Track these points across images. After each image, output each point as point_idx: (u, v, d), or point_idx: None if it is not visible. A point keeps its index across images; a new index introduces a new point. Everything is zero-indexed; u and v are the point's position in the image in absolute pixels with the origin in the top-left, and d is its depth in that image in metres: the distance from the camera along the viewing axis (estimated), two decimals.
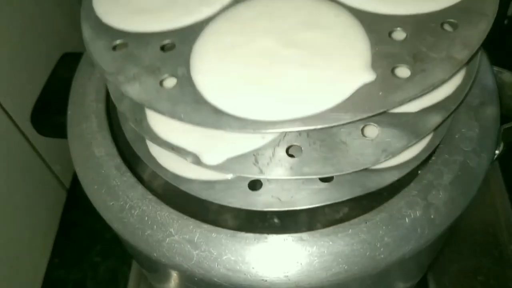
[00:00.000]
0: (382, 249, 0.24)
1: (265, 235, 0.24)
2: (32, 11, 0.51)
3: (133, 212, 0.26)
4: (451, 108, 0.25)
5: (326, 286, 0.24)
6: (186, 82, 0.22)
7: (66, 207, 0.58)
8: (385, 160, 0.23)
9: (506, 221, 0.50)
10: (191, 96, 0.22)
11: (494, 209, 0.50)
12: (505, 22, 0.59)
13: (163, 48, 0.24)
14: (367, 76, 0.21)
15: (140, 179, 0.28)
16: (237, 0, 0.25)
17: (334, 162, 0.23)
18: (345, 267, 0.24)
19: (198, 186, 0.26)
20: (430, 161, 0.26)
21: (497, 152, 0.28)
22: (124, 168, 0.27)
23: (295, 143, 0.24)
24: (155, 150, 0.27)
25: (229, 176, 0.25)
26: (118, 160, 0.28)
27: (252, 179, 0.25)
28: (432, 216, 0.25)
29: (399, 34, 0.23)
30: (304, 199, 0.24)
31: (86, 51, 0.33)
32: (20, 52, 0.49)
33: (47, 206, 0.56)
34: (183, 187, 0.26)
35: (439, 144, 0.27)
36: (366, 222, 0.24)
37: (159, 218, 0.25)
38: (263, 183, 0.25)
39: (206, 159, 0.23)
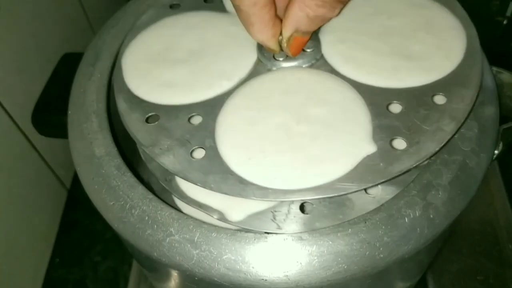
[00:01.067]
0: (381, 249, 0.24)
1: (265, 234, 0.24)
2: (33, 12, 0.51)
3: (133, 212, 0.26)
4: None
5: (326, 286, 0.24)
6: (214, 153, 0.25)
7: (66, 207, 0.58)
8: None
9: (505, 221, 0.50)
10: (218, 167, 0.25)
11: (493, 208, 0.50)
12: (504, 22, 0.59)
13: (190, 120, 0.27)
14: (370, 149, 0.24)
15: (140, 179, 0.28)
16: (252, 74, 0.28)
17: (341, 217, 0.25)
18: (345, 267, 0.24)
19: None
20: (430, 161, 0.26)
21: (496, 152, 0.29)
22: (124, 168, 0.27)
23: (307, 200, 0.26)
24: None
25: None
26: (118, 160, 0.28)
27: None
28: (431, 216, 0.25)
29: (396, 107, 0.26)
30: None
31: (86, 51, 0.34)
32: (21, 53, 0.49)
33: (48, 206, 0.56)
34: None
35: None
36: (365, 222, 0.24)
37: (159, 218, 0.25)
38: None
39: (230, 216, 0.26)
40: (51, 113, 0.37)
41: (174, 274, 0.28)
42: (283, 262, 0.24)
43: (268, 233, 0.25)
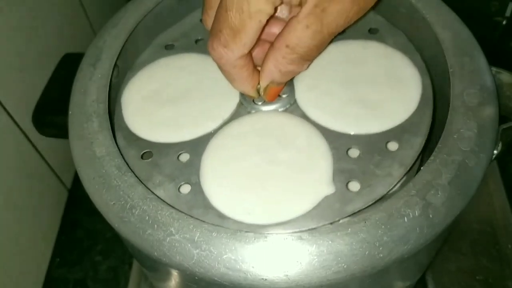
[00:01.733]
0: (381, 248, 0.24)
1: (265, 234, 0.24)
2: (34, 13, 0.51)
3: (134, 211, 0.26)
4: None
5: (326, 285, 0.24)
6: (198, 189, 0.28)
7: (67, 206, 0.59)
8: None
9: (505, 221, 0.50)
10: (201, 202, 0.28)
11: (492, 208, 0.50)
12: (504, 22, 0.59)
13: (179, 157, 0.30)
14: (328, 190, 0.27)
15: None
16: (235, 115, 0.31)
17: None
18: (345, 266, 0.24)
19: None
20: (429, 161, 0.26)
21: (495, 152, 0.29)
22: (125, 168, 0.27)
23: None
24: None
25: None
26: (119, 160, 0.28)
27: None
28: (430, 216, 0.25)
29: (354, 152, 0.29)
30: None
31: (87, 51, 0.34)
32: (22, 53, 0.49)
33: (49, 206, 0.56)
34: None
35: (437, 144, 0.27)
36: (365, 222, 0.24)
37: (159, 218, 0.25)
38: None
39: None
40: (51, 113, 0.37)
41: (175, 273, 0.29)
42: (283, 262, 0.24)
43: (268, 232, 0.25)
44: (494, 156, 0.29)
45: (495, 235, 0.49)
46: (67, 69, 0.38)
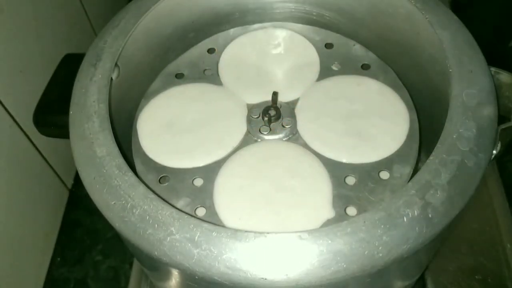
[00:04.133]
0: (380, 248, 0.24)
1: (265, 233, 0.25)
2: (35, 13, 0.51)
3: (134, 211, 0.26)
4: None
5: (326, 285, 0.24)
6: (212, 212, 0.31)
7: (68, 206, 0.59)
8: None
9: (504, 220, 0.50)
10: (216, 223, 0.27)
11: (491, 208, 0.50)
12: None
13: (193, 182, 0.32)
14: (329, 214, 0.30)
15: (141, 179, 0.28)
16: (242, 143, 0.34)
17: None
18: (344, 266, 0.24)
19: None
20: (428, 161, 0.26)
21: (494, 152, 0.29)
22: (125, 167, 0.28)
23: None
24: None
25: None
26: (119, 160, 0.28)
27: None
28: (430, 215, 0.25)
29: (351, 180, 0.32)
30: None
31: (87, 52, 0.34)
32: (23, 53, 0.49)
33: (50, 205, 0.56)
34: None
35: (436, 144, 0.27)
36: (364, 221, 0.25)
37: (160, 217, 0.25)
38: None
39: None
40: (52, 114, 0.37)
41: (175, 273, 0.29)
42: (283, 261, 0.24)
43: (268, 232, 0.25)
44: (493, 156, 0.29)
45: (494, 235, 0.49)
46: (68, 69, 0.38)
